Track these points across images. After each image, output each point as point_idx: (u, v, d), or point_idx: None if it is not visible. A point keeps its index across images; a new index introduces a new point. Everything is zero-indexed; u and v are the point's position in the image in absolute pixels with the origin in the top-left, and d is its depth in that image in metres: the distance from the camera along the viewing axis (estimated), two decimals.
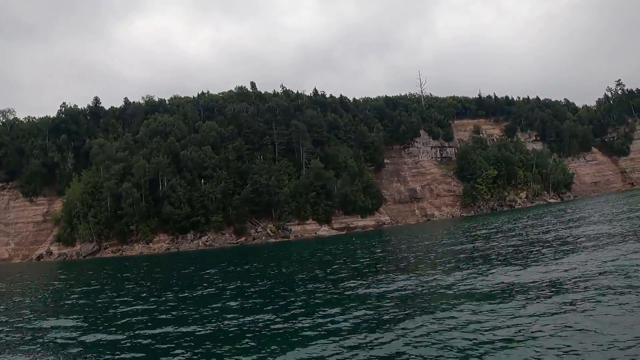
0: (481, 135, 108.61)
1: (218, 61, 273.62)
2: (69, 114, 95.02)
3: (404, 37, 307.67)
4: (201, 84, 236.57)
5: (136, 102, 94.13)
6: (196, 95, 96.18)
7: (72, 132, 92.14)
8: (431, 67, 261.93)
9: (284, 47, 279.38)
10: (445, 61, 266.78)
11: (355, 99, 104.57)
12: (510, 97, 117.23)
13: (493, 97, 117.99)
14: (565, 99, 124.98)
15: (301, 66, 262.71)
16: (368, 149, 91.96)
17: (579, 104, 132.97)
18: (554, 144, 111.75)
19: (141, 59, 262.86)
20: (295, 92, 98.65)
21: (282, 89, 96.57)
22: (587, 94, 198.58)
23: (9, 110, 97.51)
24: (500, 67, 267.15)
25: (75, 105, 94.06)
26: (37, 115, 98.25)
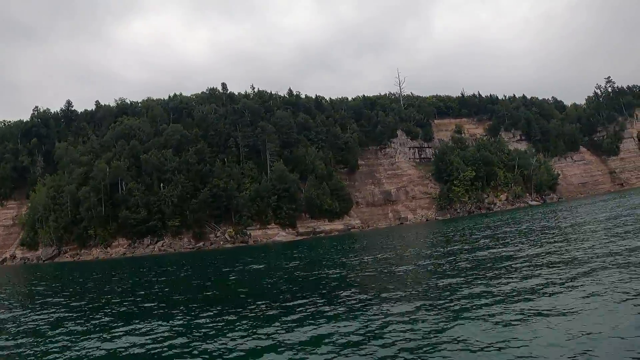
0: (463, 135, 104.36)
1: (216, 62, 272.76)
2: (41, 118, 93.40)
3: (401, 37, 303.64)
4: (200, 84, 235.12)
5: (107, 104, 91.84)
6: (167, 98, 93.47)
7: (43, 136, 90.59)
8: (430, 67, 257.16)
9: (281, 48, 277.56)
10: (443, 61, 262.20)
11: (332, 99, 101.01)
12: (494, 96, 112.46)
13: (477, 95, 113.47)
14: (553, 97, 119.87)
15: (299, 67, 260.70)
16: (341, 150, 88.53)
17: (577, 103, 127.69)
18: (539, 144, 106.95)
19: (140, 60, 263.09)
20: (269, 93, 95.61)
21: (252, 89, 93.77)
22: (586, 94, 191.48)
23: None
24: (498, 68, 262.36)
25: (47, 108, 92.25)
26: (13, 119, 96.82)
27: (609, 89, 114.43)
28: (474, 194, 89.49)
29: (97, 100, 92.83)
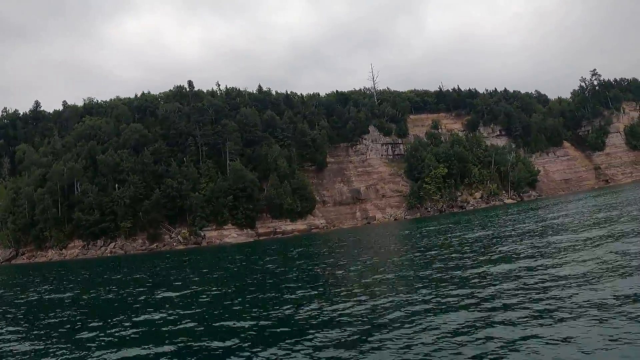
0: (439, 131, 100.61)
1: (210, 60, 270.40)
2: (10, 119, 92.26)
3: (394, 35, 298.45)
4: (196, 81, 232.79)
5: (74, 104, 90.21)
6: (133, 97, 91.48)
7: (10, 137, 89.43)
8: (423, 64, 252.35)
9: (274, 46, 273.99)
10: (437, 59, 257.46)
11: (303, 95, 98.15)
12: (473, 90, 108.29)
13: (456, 89, 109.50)
14: (536, 90, 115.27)
15: (292, 65, 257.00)
16: (308, 147, 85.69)
17: (563, 97, 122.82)
18: (519, 139, 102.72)
19: (133, 59, 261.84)
20: (237, 90, 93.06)
21: (217, 86, 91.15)
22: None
23: None
24: (492, 64, 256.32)
25: (16, 109, 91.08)
26: None
27: (595, 83, 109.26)
28: (446, 192, 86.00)
29: (64, 101, 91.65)
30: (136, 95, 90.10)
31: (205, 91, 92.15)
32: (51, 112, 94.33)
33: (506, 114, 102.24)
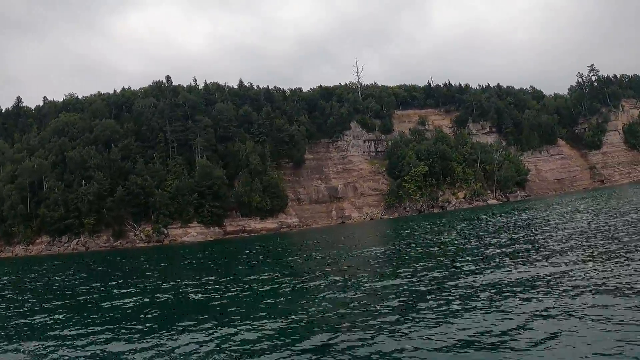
0: (426, 127, 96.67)
1: (216, 55, 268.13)
2: None
3: (400, 30, 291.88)
4: (200, 76, 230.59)
5: (53, 100, 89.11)
6: (112, 92, 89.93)
7: None
8: (430, 59, 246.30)
9: (280, 40, 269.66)
10: (443, 54, 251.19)
11: (285, 89, 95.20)
12: (464, 85, 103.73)
13: (448, 84, 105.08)
14: (531, 86, 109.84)
15: (298, 59, 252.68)
16: (286, 144, 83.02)
17: (559, 94, 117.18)
18: (510, 136, 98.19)
19: (139, 53, 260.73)
20: (217, 85, 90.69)
21: (194, 81, 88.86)
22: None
23: None
24: (499, 60, 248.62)
25: None
26: None
27: (593, 78, 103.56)
28: (427, 192, 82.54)
29: (44, 97, 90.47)
30: (115, 91, 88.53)
31: (185, 86, 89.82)
32: (33, 107, 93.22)
33: (497, 110, 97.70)
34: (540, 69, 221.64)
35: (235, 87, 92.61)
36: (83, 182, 69.27)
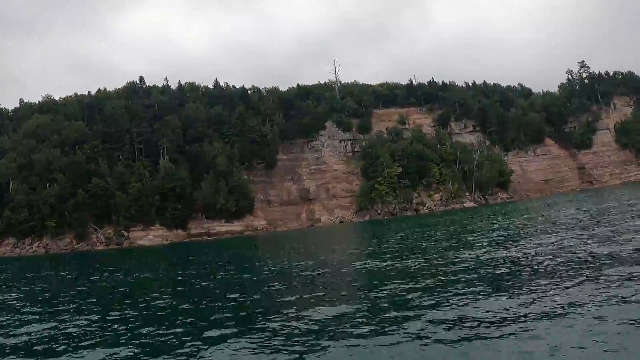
0: (407, 126, 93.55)
1: (216, 54, 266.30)
2: None
3: (401, 28, 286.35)
4: (200, 76, 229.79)
5: (29, 102, 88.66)
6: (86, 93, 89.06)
7: None
8: (431, 57, 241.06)
9: (281, 39, 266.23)
10: (444, 52, 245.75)
11: (260, 89, 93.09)
12: (449, 83, 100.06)
13: (432, 82, 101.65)
14: (519, 83, 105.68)
15: (299, 58, 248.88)
16: (257, 144, 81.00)
17: (550, 91, 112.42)
18: (494, 135, 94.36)
19: (140, 52, 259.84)
20: (191, 84, 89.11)
21: (166, 82, 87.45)
22: None
23: None
24: (500, 57, 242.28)
25: None
26: None
27: (584, 75, 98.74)
28: (401, 193, 79.57)
29: (20, 98, 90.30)
30: (89, 92, 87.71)
31: (160, 86, 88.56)
32: (11, 109, 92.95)
33: (480, 108, 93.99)
34: (542, 67, 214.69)
35: (210, 86, 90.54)
36: (48, 184, 68.48)
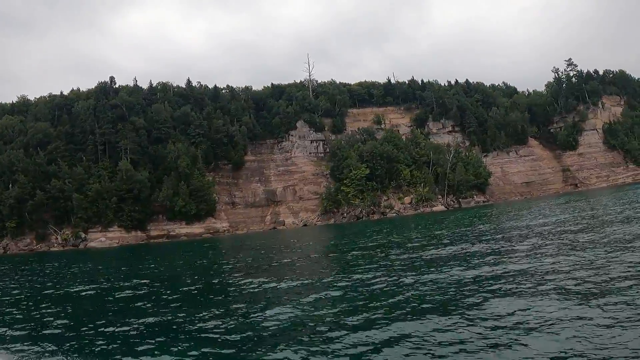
0: (382, 126, 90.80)
1: (214, 53, 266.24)
2: None
3: (399, 27, 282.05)
4: (198, 74, 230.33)
5: (2, 102, 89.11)
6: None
7: None
8: (430, 57, 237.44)
9: (279, 38, 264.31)
10: (443, 51, 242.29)
11: (233, 88, 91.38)
12: (429, 81, 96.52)
13: (413, 80, 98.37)
14: (503, 82, 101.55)
15: (297, 57, 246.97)
16: (224, 145, 79.51)
17: (537, 90, 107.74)
18: (473, 136, 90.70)
19: (138, 51, 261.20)
20: (162, 84, 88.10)
21: (134, 81, 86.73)
22: None
23: None
24: (498, 58, 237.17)
25: None
26: None
27: (571, 74, 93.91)
28: (369, 196, 77.00)
29: None
30: (62, 93, 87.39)
31: (131, 85, 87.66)
32: None
33: (459, 107, 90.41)
34: (541, 68, 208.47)
35: (182, 85, 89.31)
36: (10, 185, 68.44)
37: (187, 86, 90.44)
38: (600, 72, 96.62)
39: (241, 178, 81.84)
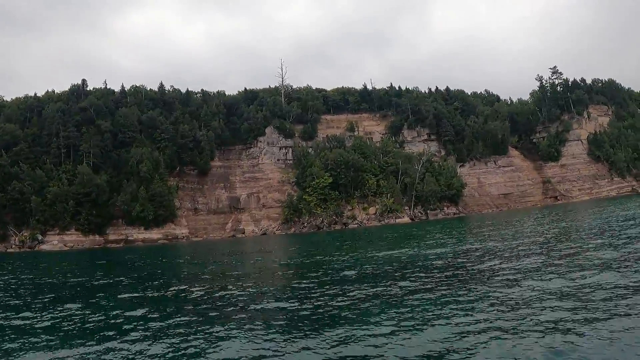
0: (356, 133, 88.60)
1: (214, 55, 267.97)
2: None
3: (399, 33, 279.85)
4: (197, 76, 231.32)
5: None
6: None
7: None
8: (429, 63, 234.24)
9: (279, 42, 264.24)
10: (442, 58, 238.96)
11: (205, 91, 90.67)
12: (408, 88, 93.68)
13: (390, 87, 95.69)
14: (486, 90, 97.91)
15: (297, 61, 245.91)
16: (190, 150, 78.87)
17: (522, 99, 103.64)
18: (449, 145, 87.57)
19: (139, 52, 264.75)
20: (136, 87, 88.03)
21: (104, 84, 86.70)
22: None
23: None
24: (497, 66, 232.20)
25: None
26: None
27: (556, 82, 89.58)
28: (332, 205, 75.11)
29: None
30: (35, 94, 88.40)
31: (107, 88, 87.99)
32: None
33: (435, 115, 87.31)
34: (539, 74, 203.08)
35: (155, 89, 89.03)
36: None
37: (159, 90, 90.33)
38: (588, 81, 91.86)
39: (206, 184, 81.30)
